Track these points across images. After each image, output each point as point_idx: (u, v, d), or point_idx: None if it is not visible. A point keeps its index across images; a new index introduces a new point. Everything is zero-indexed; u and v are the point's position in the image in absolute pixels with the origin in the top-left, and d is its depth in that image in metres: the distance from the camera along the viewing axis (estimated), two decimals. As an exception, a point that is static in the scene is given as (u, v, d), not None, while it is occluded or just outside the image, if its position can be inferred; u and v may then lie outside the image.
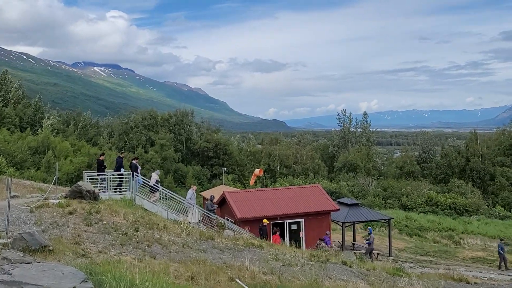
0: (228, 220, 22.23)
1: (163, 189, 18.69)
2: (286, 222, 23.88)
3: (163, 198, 18.74)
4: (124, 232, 11.46)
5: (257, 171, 29.43)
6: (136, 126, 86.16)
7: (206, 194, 33.02)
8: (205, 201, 30.13)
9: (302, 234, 24.13)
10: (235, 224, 21.74)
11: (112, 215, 13.40)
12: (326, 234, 23.27)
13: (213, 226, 18.73)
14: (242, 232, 18.60)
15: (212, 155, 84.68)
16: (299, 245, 21.67)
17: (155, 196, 18.60)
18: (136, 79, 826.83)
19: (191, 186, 21.25)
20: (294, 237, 23.14)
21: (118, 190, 18.50)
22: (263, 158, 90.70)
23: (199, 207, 20.11)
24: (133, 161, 19.92)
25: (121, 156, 20.21)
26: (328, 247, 21.92)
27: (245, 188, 66.44)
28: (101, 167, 19.17)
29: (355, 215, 28.69)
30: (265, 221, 21.77)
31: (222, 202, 25.27)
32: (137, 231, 11.89)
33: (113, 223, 12.32)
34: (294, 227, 23.94)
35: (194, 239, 13.11)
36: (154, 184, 18.67)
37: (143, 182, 18.83)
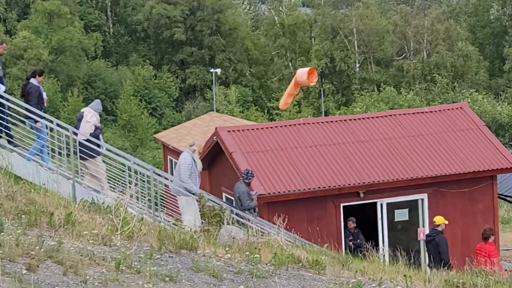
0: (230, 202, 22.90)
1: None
2: (381, 203, 24.58)
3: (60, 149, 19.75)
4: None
5: (301, 73, 28.27)
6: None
7: (165, 137, 33.54)
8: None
9: (423, 231, 24.56)
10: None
11: None
12: None
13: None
14: (268, 231, 18.90)
15: (185, 37, 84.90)
16: (416, 261, 22.02)
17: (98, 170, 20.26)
18: None
19: (189, 145, 21.70)
20: (401, 241, 23.57)
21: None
22: (317, 41, 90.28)
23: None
24: (32, 80, 21.13)
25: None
26: None
27: (272, 120, 66.87)
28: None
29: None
30: (439, 220, 22.14)
31: (213, 156, 26.21)
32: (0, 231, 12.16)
33: None
34: (401, 215, 24.45)
35: (146, 250, 13.31)
36: (91, 135, 20.18)
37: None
